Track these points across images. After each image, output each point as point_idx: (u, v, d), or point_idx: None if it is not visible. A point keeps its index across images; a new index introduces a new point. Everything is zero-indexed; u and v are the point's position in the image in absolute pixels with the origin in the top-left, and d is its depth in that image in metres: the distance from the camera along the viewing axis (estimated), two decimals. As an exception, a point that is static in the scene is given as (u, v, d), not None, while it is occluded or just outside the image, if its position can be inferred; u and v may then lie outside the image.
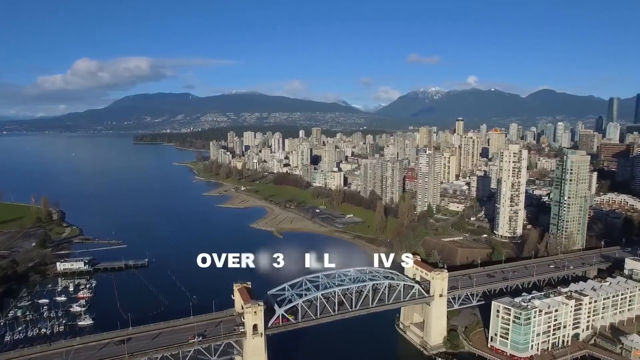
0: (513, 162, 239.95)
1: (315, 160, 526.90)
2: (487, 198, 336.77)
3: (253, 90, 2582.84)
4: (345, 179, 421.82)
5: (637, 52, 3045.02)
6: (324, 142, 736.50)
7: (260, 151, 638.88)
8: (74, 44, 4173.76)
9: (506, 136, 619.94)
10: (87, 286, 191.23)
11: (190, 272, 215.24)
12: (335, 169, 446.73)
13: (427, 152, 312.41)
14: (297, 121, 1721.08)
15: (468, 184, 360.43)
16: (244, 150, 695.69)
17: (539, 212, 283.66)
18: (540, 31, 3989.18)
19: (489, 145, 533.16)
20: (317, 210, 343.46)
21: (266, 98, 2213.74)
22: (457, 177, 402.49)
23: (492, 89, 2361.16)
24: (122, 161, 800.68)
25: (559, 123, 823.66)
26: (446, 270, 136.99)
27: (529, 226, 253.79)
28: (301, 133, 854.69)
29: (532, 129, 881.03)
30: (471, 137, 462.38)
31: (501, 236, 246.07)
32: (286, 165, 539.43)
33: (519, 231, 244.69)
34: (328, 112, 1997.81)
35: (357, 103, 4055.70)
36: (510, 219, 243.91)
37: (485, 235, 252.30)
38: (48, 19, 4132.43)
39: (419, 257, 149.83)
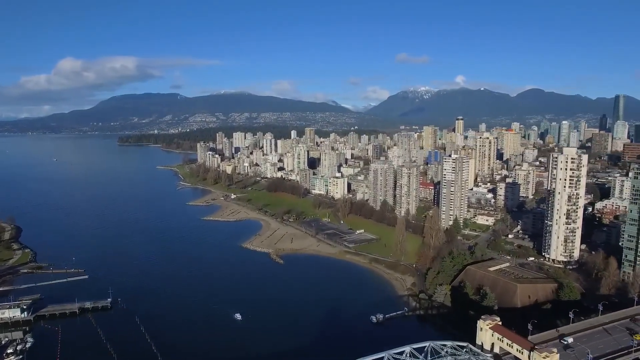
0: (571, 169, 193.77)
1: (311, 163, 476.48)
2: (517, 208, 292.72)
3: (242, 90, 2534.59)
4: (349, 186, 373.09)
5: (627, 52, 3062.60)
6: (317, 142, 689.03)
7: (251, 153, 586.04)
8: (58, 43, 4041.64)
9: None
10: (19, 348, 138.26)
11: (166, 318, 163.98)
12: (338, 174, 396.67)
13: (453, 155, 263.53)
14: (287, 121, 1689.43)
15: (492, 191, 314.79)
16: (233, 152, 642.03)
17: (587, 228, 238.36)
18: (528, 31, 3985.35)
19: (497, 146, 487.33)
20: (321, 224, 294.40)
21: (255, 98, 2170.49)
22: (476, 182, 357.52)
23: (482, 89, 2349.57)
24: (101, 165, 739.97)
25: (564, 122, 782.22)
26: (555, 350, 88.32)
27: (582, 246, 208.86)
28: (293, 133, 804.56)
29: (534, 128, 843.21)
30: (487, 138, 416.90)
31: (554, 260, 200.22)
32: (280, 169, 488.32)
33: (576, 254, 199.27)
34: (318, 112, 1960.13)
35: (346, 103, 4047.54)
36: (566, 240, 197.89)
37: (532, 259, 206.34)
38: (30, 17, 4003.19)
39: (498, 318, 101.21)
